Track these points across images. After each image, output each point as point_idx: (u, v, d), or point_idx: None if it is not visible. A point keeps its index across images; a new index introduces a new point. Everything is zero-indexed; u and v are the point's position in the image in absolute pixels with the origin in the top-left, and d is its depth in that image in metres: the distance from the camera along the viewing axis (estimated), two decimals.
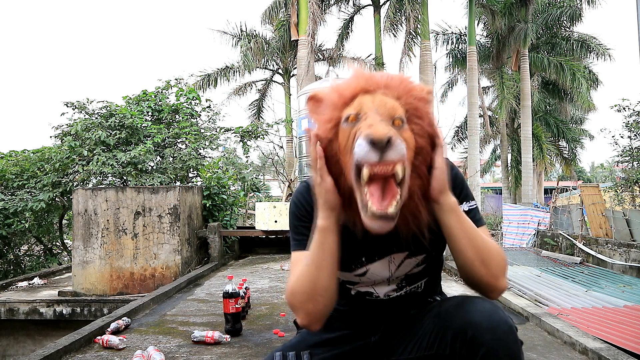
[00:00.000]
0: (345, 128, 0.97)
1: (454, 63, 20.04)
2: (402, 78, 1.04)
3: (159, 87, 8.19)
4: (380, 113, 0.94)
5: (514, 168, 21.08)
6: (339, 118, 0.98)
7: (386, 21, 13.88)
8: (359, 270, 1.20)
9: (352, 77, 1.03)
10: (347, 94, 1.00)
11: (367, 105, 0.96)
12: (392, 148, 0.88)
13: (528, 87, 17.25)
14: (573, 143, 21.42)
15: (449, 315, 1.07)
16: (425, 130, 1.00)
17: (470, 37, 15.70)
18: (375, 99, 0.97)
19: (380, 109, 0.95)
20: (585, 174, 36.09)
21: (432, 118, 1.03)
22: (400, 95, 0.99)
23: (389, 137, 0.87)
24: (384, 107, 0.95)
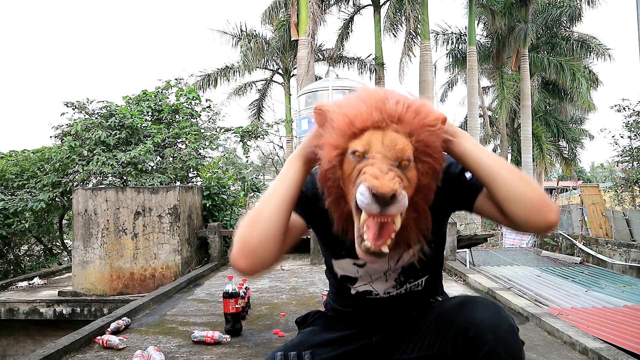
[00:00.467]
0: (351, 160, 0.95)
1: (454, 63, 20.05)
2: (418, 109, 0.97)
3: (159, 87, 8.19)
4: (388, 157, 0.92)
5: None
6: (346, 149, 0.96)
7: (386, 21, 13.88)
8: (359, 264, 1.20)
9: (365, 104, 0.97)
10: (357, 125, 0.96)
11: (376, 147, 0.93)
12: (394, 203, 0.88)
13: (528, 87, 17.26)
14: (573, 143, 21.43)
15: (450, 315, 1.07)
16: (432, 168, 0.98)
17: (470, 37, 15.70)
18: (386, 138, 0.94)
19: (389, 152, 0.93)
20: (585, 174, 36.11)
21: (440, 155, 1.00)
22: (413, 131, 0.95)
23: (392, 193, 0.86)
24: (392, 150, 0.93)
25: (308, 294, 3.93)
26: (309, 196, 1.16)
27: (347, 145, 0.96)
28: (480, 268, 6.55)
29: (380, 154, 0.92)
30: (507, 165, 1.05)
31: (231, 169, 7.84)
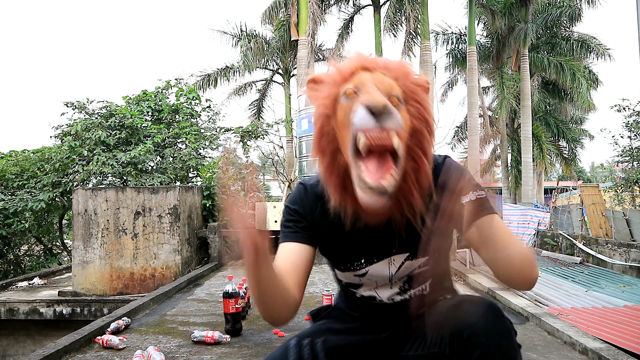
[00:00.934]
0: (343, 103, 0.98)
1: (454, 63, 20.04)
2: (401, 62, 1.05)
3: (159, 87, 8.19)
4: (378, 88, 0.95)
5: (514, 168, 21.09)
6: (338, 94, 1.00)
7: (386, 21, 13.88)
8: (359, 271, 1.19)
9: (352, 57, 1.04)
10: (347, 70, 1.01)
11: (366, 81, 0.97)
12: (388, 115, 0.90)
13: (528, 87, 17.25)
14: (573, 143, 21.42)
15: (448, 314, 1.06)
16: (422, 113, 1.01)
17: (470, 37, 15.70)
18: (374, 76, 0.99)
19: (379, 85, 0.96)
20: (585, 174, 36.11)
21: (428, 105, 1.03)
22: (398, 77, 1.01)
23: (385, 103, 0.89)
24: (381, 84, 0.97)
25: (308, 294, 3.93)
26: (298, 207, 1.17)
27: (339, 90, 1.00)
28: (480, 268, 6.55)
29: (370, 85, 0.96)
30: (514, 241, 1.03)
31: (231, 169, 7.84)
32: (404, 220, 1.05)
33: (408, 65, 1.05)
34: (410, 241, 1.09)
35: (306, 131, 6.49)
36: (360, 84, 0.97)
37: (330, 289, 3.04)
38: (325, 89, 1.03)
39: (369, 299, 1.23)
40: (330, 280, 4.57)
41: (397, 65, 1.03)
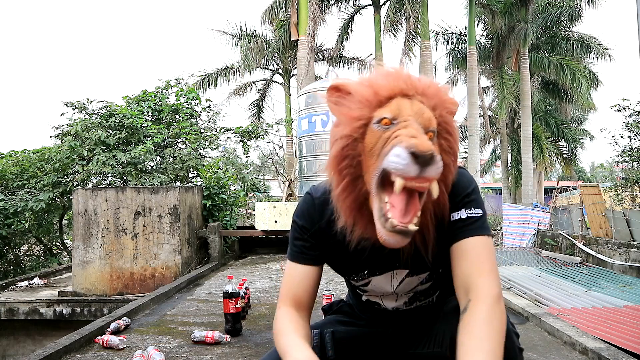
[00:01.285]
0: (376, 130, 0.90)
1: (454, 63, 20.05)
2: (438, 87, 0.97)
3: (159, 87, 8.19)
4: (417, 121, 0.88)
5: (514, 168, 21.09)
6: (371, 118, 0.91)
7: (386, 21, 13.88)
8: (362, 281, 1.19)
9: (390, 76, 0.95)
10: (384, 93, 0.92)
11: (406, 112, 0.89)
12: (433, 164, 0.83)
13: (528, 87, 17.25)
14: (573, 143, 21.42)
15: (448, 317, 1.05)
16: (452, 147, 0.96)
17: (470, 37, 15.70)
18: (414, 106, 0.91)
19: (418, 118, 0.89)
20: (585, 174, 36.08)
21: (457, 135, 0.99)
22: (436, 106, 0.93)
23: (432, 153, 0.82)
24: (421, 117, 0.89)
25: None
26: (307, 224, 1.16)
27: (372, 115, 0.91)
28: None
29: (412, 119, 0.88)
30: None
31: (231, 169, 7.84)
32: (413, 248, 1.01)
33: (444, 90, 0.98)
34: (412, 259, 1.06)
35: (306, 131, 6.49)
36: (399, 115, 0.89)
37: (330, 289, 3.05)
38: (357, 109, 0.93)
39: (373, 304, 1.24)
40: (330, 280, 4.57)
41: (435, 91, 0.95)
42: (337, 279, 4.64)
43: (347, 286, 1.35)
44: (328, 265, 1.26)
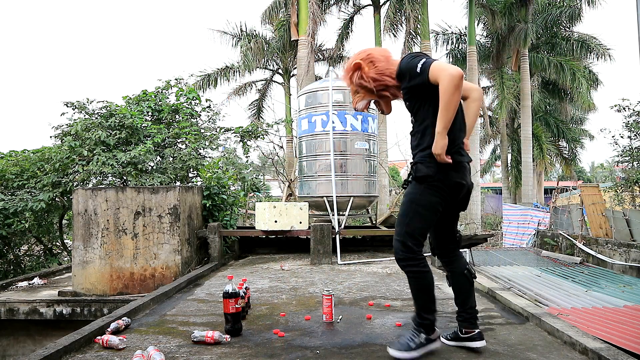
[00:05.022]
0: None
1: (454, 63, 20.03)
2: (349, 62, 2.47)
3: (159, 87, 8.19)
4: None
5: (514, 168, 21.09)
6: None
7: (386, 21, 13.88)
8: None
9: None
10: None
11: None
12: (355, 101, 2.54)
13: (528, 87, 17.26)
14: (573, 143, 21.43)
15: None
16: (362, 84, 2.41)
17: (470, 37, 15.70)
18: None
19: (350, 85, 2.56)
20: (585, 174, 36.09)
21: (366, 73, 2.39)
22: (351, 76, 2.49)
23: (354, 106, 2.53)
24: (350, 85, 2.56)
25: (308, 294, 3.93)
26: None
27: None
28: (480, 268, 6.55)
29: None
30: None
31: (231, 169, 7.84)
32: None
33: (350, 61, 2.41)
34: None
35: (306, 131, 6.49)
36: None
37: (331, 289, 3.05)
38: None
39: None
40: (329, 280, 4.58)
41: (348, 65, 2.44)
42: (336, 279, 4.64)
43: None
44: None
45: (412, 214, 2.27)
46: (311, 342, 2.61)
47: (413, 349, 2.29)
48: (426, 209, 2.26)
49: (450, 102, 2.05)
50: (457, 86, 2.04)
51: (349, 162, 6.22)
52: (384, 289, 4.08)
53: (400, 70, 2.27)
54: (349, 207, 6.17)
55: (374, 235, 6.55)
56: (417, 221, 2.26)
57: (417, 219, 2.27)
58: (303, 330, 2.85)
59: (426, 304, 2.32)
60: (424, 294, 2.31)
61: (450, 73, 2.02)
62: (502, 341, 2.60)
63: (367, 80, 2.34)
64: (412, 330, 2.36)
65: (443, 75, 2.04)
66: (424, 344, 2.32)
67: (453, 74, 2.02)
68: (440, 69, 2.07)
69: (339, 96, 6.22)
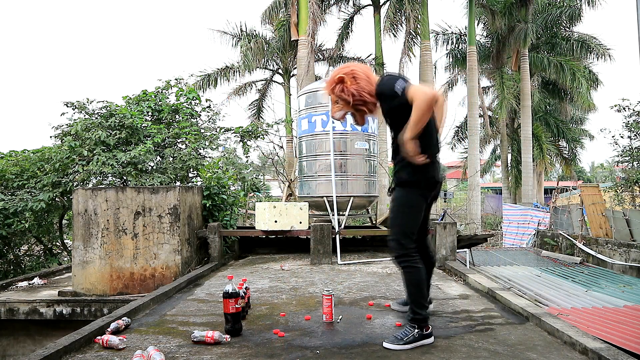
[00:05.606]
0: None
1: (454, 63, 20.05)
2: (331, 78, 2.71)
3: (159, 87, 8.19)
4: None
5: (514, 168, 21.08)
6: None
7: (386, 21, 13.88)
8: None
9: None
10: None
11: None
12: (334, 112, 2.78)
13: (528, 87, 17.25)
14: (573, 143, 21.42)
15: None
16: (343, 97, 2.67)
17: (470, 37, 15.69)
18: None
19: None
20: (585, 174, 36.09)
21: (348, 90, 2.63)
22: (332, 89, 2.73)
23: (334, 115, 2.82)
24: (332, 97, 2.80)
25: (308, 294, 3.93)
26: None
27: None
28: (480, 268, 6.55)
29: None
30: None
31: (231, 169, 7.84)
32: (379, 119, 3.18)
33: (331, 77, 2.69)
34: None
35: (306, 131, 6.49)
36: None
37: (331, 289, 3.05)
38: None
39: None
40: (329, 280, 4.58)
41: (329, 81, 2.70)
42: (336, 279, 4.64)
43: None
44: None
45: (402, 215, 2.63)
46: (311, 342, 2.61)
47: (406, 342, 2.48)
48: (412, 208, 2.63)
49: (420, 120, 2.36)
50: (429, 107, 2.35)
51: (349, 162, 6.22)
52: (384, 289, 4.08)
53: (379, 90, 2.59)
54: (349, 207, 6.17)
55: (374, 235, 6.55)
56: (407, 220, 2.62)
57: (406, 218, 2.62)
58: (303, 330, 2.85)
59: (417, 299, 2.58)
60: (415, 289, 2.60)
61: (425, 93, 2.32)
62: (502, 341, 2.60)
63: (347, 94, 2.61)
64: (407, 325, 2.58)
65: (418, 95, 2.33)
66: (417, 339, 2.51)
67: (428, 94, 2.31)
68: (416, 90, 2.37)
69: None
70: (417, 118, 2.34)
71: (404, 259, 2.57)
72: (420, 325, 2.53)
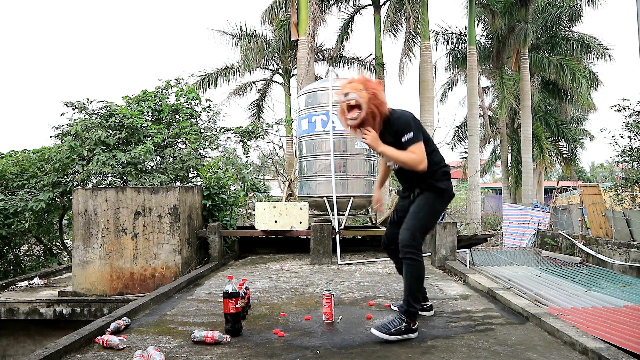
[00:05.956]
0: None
1: (454, 63, 20.05)
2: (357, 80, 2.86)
3: (159, 87, 8.18)
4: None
5: (514, 168, 21.08)
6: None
7: (386, 21, 13.88)
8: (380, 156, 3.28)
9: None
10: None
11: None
12: (349, 96, 2.78)
13: (528, 87, 17.25)
14: (573, 143, 21.43)
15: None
16: (363, 100, 2.74)
17: (470, 37, 15.69)
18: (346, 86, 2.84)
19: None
20: (585, 174, 36.09)
21: (371, 95, 2.75)
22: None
23: (348, 91, 2.79)
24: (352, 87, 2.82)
25: (308, 294, 3.93)
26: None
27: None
28: (480, 268, 6.55)
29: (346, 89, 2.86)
30: (394, 156, 2.74)
31: (231, 169, 7.84)
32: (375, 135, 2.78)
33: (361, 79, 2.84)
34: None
35: (306, 131, 6.49)
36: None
37: (331, 289, 3.05)
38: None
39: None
40: (329, 280, 4.58)
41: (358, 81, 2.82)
42: (336, 279, 4.64)
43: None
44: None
45: (427, 215, 2.80)
46: (311, 342, 2.61)
47: (392, 333, 2.58)
48: (437, 212, 2.88)
49: (397, 162, 2.77)
50: (409, 167, 2.72)
51: (349, 162, 6.22)
52: (384, 289, 4.08)
53: (396, 126, 2.75)
54: (349, 207, 6.17)
55: (374, 235, 6.55)
56: (429, 221, 2.82)
57: (429, 218, 2.82)
58: (303, 330, 2.85)
59: (416, 293, 2.69)
60: (417, 282, 2.71)
61: (416, 159, 2.67)
62: (502, 341, 2.60)
63: (370, 105, 2.73)
64: (396, 316, 2.67)
65: (412, 156, 2.68)
66: (403, 332, 2.61)
67: (418, 163, 2.67)
68: (415, 150, 2.68)
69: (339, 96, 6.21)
70: (397, 159, 2.72)
71: (412, 250, 2.67)
72: (409, 319, 2.63)
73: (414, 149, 2.68)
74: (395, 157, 2.72)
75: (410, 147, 2.68)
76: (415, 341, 2.61)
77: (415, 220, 2.77)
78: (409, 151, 2.67)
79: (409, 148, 2.68)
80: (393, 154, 2.71)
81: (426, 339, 2.64)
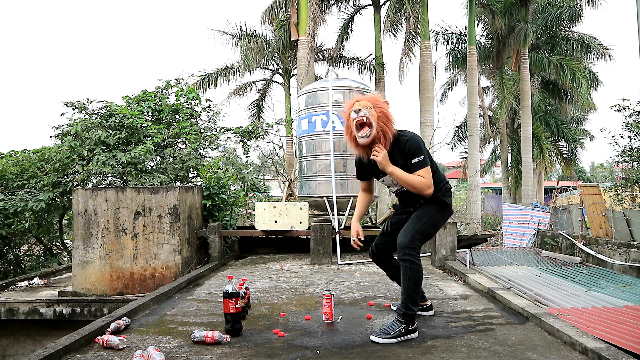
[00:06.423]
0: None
1: (454, 63, 20.04)
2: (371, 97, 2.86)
3: (159, 87, 8.18)
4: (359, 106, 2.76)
5: (514, 168, 21.09)
6: (349, 114, 2.81)
7: (386, 21, 13.88)
8: (381, 178, 2.96)
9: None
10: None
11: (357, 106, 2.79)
12: (360, 112, 2.72)
13: (528, 87, 17.25)
14: (573, 143, 21.42)
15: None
16: (376, 116, 2.74)
17: (470, 37, 15.69)
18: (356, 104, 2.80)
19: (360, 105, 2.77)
20: (585, 174, 36.09)
21: (381, 113, 2.76)
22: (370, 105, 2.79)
23: (359, 108, 2.73)
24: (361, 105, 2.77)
25: (308, 294, 3.93)
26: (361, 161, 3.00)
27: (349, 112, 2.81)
28: (480, 268, 6.55)
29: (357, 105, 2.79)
30: (405, 179, 2.76)
31: (231, 169, 7.84)
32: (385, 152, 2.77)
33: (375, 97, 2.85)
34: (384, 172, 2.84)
35: (306, 131, 6.49)
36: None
37: (331, 289, 3.05)
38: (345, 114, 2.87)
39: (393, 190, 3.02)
40: (329, 280, 4.58)
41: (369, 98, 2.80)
42: (336, 279, 4.64)
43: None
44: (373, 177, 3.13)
45: (429, 225, 2.84)
46: (311, 342, 2.61)
47: (392, 337, 2.59)
48: (438, 224, 2.96)
49: (405, 184, 2.77)
50: (417, 190, 2.75)
51: (349, 162, 6.22)
52: (384, 289, 4.08)
53: (406, 147, 2.74)
54: (349, 207, 6.17)
55: (374, 235, 6.52)
56: (428, 228, 2.84)
57: (431, 228, 2.88)
58: (303, 330, 2.85)
59: (414, 295, 2.69)
60: (415, 285, 2.70)
61: (426, 183, 2.71)
62: (502, 341, 2.60)
63: (379, 123, 2.72)
64: (394, 319, 2.68)
65: (423, 180, 2.71)
66: (403, 333, 2.62)
67: (427, 186, 2.72)
68: (424, 175, 2.72)
69: (339, 96, 6.22)
70: (407, 182, 2.73)
71: (411, 253, 2.68)
72: (407, 322, 2.64)
73: (423, 173, 2.70)
74: (406, 180, 2.72)
75: (419, 171, 2.70)
76: (415, 341, 2.61)
77: (417, 224, 2.78)
78: (418, 174, 2.70)
79: (418, 171, 2.70)
80: (403, 177, 2.72)
81: (426, 339, 2.64)
